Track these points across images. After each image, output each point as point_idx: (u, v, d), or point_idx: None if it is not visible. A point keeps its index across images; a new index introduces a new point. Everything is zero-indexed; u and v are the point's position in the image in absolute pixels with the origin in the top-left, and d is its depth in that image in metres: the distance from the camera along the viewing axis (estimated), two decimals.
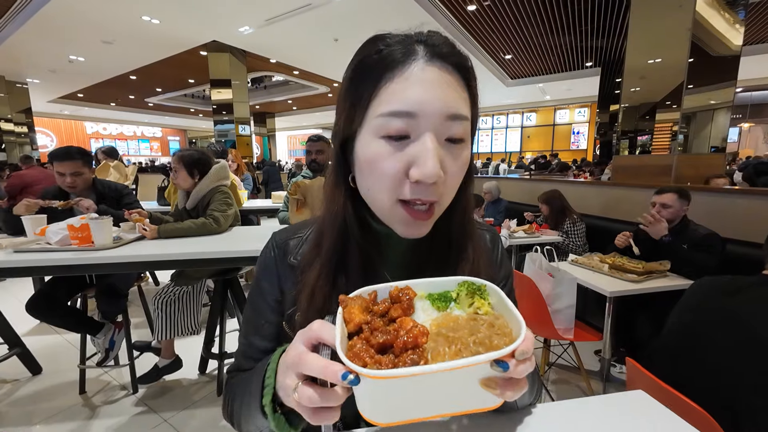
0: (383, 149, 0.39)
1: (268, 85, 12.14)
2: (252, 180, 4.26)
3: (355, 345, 0.31)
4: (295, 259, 0.51)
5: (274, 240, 0.55)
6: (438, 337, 0.31)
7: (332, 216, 0.46)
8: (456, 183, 0.42)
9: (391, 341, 0.31)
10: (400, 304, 0.35)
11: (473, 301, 0.36)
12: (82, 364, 1.85)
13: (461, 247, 0.48)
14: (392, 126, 0.38)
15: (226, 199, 1.87)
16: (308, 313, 0.45)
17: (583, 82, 9.55)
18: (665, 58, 3.56)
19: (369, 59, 0.40)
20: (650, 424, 0.49)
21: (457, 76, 0.40)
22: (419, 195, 0.39)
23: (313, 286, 0.46)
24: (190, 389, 1.93)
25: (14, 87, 8.98)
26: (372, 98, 0.39)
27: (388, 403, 0.30)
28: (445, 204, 0.43)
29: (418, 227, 0.42)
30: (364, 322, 0.33)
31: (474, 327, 0.32)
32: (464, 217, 0.48)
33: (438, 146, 0.38)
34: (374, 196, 0.42)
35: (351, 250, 0.46)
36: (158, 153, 19.09)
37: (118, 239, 1.58)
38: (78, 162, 1.78)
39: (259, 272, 0.54)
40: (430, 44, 0.39)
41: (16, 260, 1.33)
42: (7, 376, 2.02)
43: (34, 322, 2.64)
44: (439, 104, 0.37)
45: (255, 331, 0.53)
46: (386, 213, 0.43)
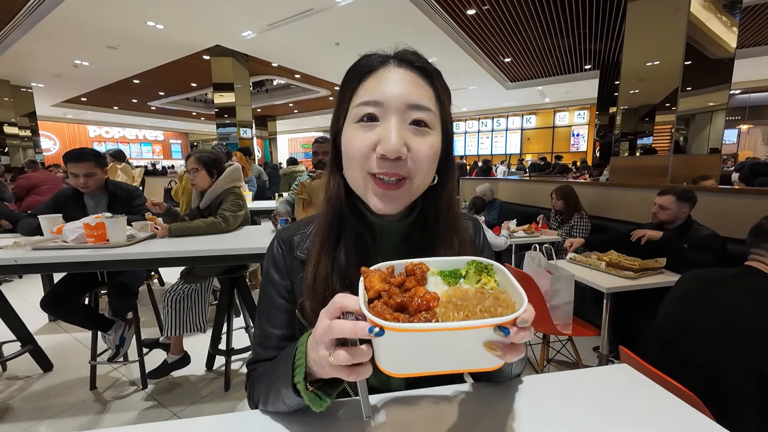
0: (357, 131, 0.48)
1: (269, 89, 12.22)
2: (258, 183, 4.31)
3: (376, 306, 0.36)
4: (302, 253, 0.57)
5: (279, 237, 0.60)
6: (448, 304, 0.36)
7: (330, 203, 0.53)
8: (427, 165, 0.48)
9: (407, 303, 0.36)
10: (414, 276, 0.40)
11: (480, 278, 0.40)
12: (93, 360, 1.90)
13: (448, 239, 0.54)
14: (364, 111, 0.47)
15: (238, 201, 1.93)
16: (313, 299, 0.51)
17: (582, 85, 9.62)
18: (662, 60, 3.62)
19: (355, 68, 0.50)
20: (633, 394, 0.54)
21: (421, 76, 0.49)
22: (386, 168, 0.46)
23: (315, 271, 0.51)
24: (198, 385, 1.98)
25: (19, 91, 9.06)
26: (353, 95, 0.49)
27: (403, 356, 0.35)
28: (417, 183, 0.49)
29: (388, 200, 0.48)
30: (383, 290, 0.38)
31: (481, 299, 0.36)
32: (449, 212, 0.55)
33: (401, 127, 0.46)
34: (350, 174, 0.50)
35: (348, 233, 0.53)
36: (160, 156, 19.16)
37: (131, 237, 1.64)
38: (91, 163, 1.84)
39: (268, 266, 0.59)
40: (400, 54, 0.50)
41: (35, 257, 1.39)
42: (20, 372, 2.07)
43: (44, 320, 2.70)
44: (402, 94, 0.46)
45: (269, 321, 0.57)
46: (360, 188, 0.49)
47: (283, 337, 0.56)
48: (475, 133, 16.11)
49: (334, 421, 0.49)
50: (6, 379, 2.02)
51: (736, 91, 9.87)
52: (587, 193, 3.29)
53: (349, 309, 0.37)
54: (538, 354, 2.04)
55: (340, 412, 0.51)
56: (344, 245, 0.53)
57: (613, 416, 0.49)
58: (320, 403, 0.42)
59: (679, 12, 3.38)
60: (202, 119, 15.87)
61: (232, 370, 1.99)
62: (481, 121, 15.82)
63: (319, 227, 0.55)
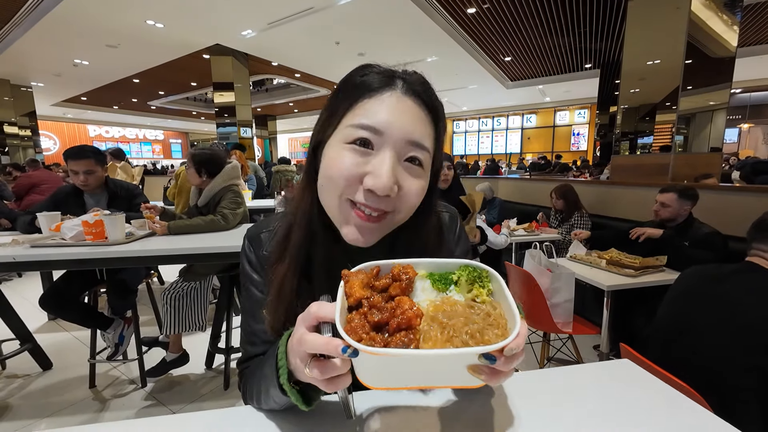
0: (347, 154, 0.43)
1: (269, 88, 12.22)
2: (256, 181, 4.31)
3: (353, 319, 0.33)
4: (266, 252, 0.55)
5: (247, 235, 0.59)
6: (433, 321, 0.33)
7: (302, 213, 0.50)
8: (413, 202, 0.45)
9: (386, 320, 0.33)
10: (399, 283, 0.36)
11: (473, 288, 0.37)
12: (92, 358, 1.89)
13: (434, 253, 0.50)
14: (359, 135, 0.42)
15: (237, 198, 1.92)
16: (277, 303, 0.49)
17: (582, 84, 9.61)
18: (663, 59, 3.61)
19: (353, 80, 0.45)
20: (634, 389, 0.53)
21: (427, 113, 0.45)
22: (371, 203, 0.42)
23: (282, 279, 0.49)
24: (198, 383, 1.98)
25: (19, 91, 9.06)
26: (347, 111, 0.44)
27: (381, 373, 0.33)
28: (399, 218, 0.46)
29: (367, 233, 0.44)
30: (364, 297, 0.35)
31: (470, 316, 0.33)
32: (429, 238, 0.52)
33: (396, 164, 0.42)
34: (325, 195, 0.46)
35: (317, 248, 0.50)
36: (160, 156, 19.17)
37: (130, 235, 1.64)
38: (91, 160, 1.83)
39: (243, 265, 0.58)
40: (408, 81, 0.44)
41: (34, 254, 1.38)
42: (19, 371, 2.07)
43: (43, 319, 2.69)
44: (405, 129, 0.42)
45: (253, 317, 0.56)
46: (335, 212, 0.46)
47: (267, 335, 0.55)
48: (475, 133, 16.11)
49: (327, 415, 0.49)
50: (5, 378, 2.02)
51: (737, 90, 9.86)
52: (587, 191, 3.29)
53: (326, 319, 0.35)
54: (539, 352, 2.03)
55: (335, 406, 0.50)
56: (315, 263, 0.50)
57: (615, 411, 0.48)
58: (307, 403, 0.41)
59: (680, 11, 3.37)
60: (202, 118, 15.88)
61: (232, 369, 1.99)
62: (481, 121, 15.81)
63: (292, 243, 0.50)
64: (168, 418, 0.50)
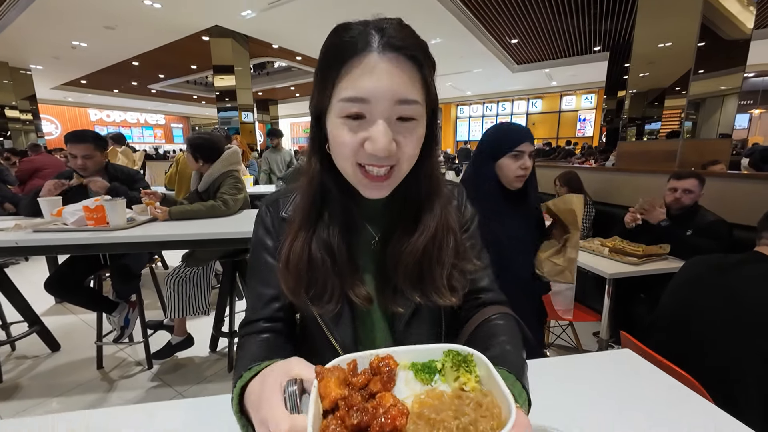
0: (344, 128, 0.46)
1: (270, 72, 12.02)
2: (257, 167, 4.29)
3: (329, 426, 0.30)
4: (286, 213, 0.59)
5: (265, 201, 0.63)
6: (419, 420, 0.30)
7: (310, 178, 0.54)
8: (412, 152, 0.49)
9: (368, 422, 0.30)
10: (380, 376, 0.34)
11: (459, 375, 0.34)
12: (98, 341, 1.93)
13: (430, 204, 0.55)
14: (350, 109, 0.45)
15: (237, 184, 1.91)
16: (287, 272, 0.53)
17: (590, 68, 9.37)
18: (675, 42, 3.49)
19: (333, 48, 0.46)
20: (635, 378, 0.53)
21: (409, 64, 0.45)
22: (374, 161, 0.47)
23: (290, 247, 0.53)
24: (202, 365, 2.02)
25: (18, 74, 8.96)
26: (336, 84, 0.46)
27: None
28: (404, 168, 0.50)
29: (377, 188, 0.50)
30: (341, 398, 0.32)
31: (459, 407, 0.31)
32: (431, 181, 0.55)
33: (388, 128, 0.45)
34: (339, 162, 0.50)
35: (331, 203, 0.54)
36: (162, 140, 19.09)
37: (131, 220, 1.64)
38: (90, 145, 1.82)
39: (257, 229, 0.62)
40: (385, 34, 0.45)
41: (36, 239, 1.39)
42: (28, 352, 2.11)
43: (50, 303, 2.74)
44: (390, 90, 0.44)
45: (260, 281, 0.59)
46: (350, 176, 0.51)
47: (275, 297, 0.58)
48: (479, 118, 15.87)
49: None
50: (15, 359, 2.07)
51: (750, 74, 9.58)
52: (592, 178, 3.24)
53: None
54: None
55: None
56: (326, 217, 0.54)
57: (615, 400, 0.48)
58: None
59: None
60: (203, 103, 15.72)
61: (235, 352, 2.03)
62: (485, 106, 15.55)
63: (301, 203, 0.55)
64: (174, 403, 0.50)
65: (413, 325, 0.58)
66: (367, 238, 0.59)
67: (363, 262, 0.57)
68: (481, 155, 1.19)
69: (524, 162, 1.11)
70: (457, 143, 15.69)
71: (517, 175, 1.12)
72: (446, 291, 0.54)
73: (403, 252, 0.54)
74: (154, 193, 1.78)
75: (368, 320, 0.59)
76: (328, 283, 0.53)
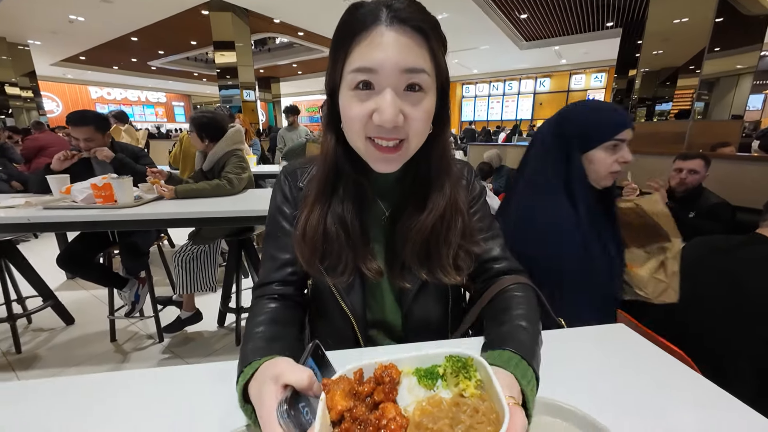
0: (353, 99, 0.48)
1: (272, 48, 11.72)
2: (260, 146, 4.27)
3: None
4: (301, 185, 0.61)
5: (284, 171, 0.66)
6: (417, 429, 0.32)
7: (325, 154, 0.56)
8: (420, 125, 0.49)
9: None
10: (384, 386, 0.36)
11: (459, 381, 0.36)
12: (111, 315, 2.00)
13: (440, 183, 0.56)
14: (359, 78, 0.47)
15: (241, 163, 1.92)
16: (303, 244, 0.56)
17: (602, 45, 9.05)
18: (691, 17, 3.36)
19: (345, 25, 0.48)
20: (628, 353, 0.55)
21: (416, 36, 0.46)
22: (383, 134, 0.48)
23: (306, 220, 0.56)
24: (211, 339, 2.09)
25: (16, 49, 8.81)
26: (347, 58, 0.48)
27: None
28: (414, 143, 0.51)
29: (387, 162, 0.51)
30: (347, 410, 0.34)
31: (456, 415, 0.33)
32: (442, 159, 0.56)
33: (395, 97, 0.46)
34: (350, 137, 0.52)
35: (344, 178, 0.56)
36: (164, 119, 18.92)
37: (138, 198, 1.66)
38: (91, 127, 1.81)
39: (275, 197, 0.64)
40: (393, 8, 0.46)
41: (47, 216, 1.42)
42: (44, 325, 2.20)
43: (61, 279, 2.82)
44: (396, 60, 0.45)
45: (276, 246, 0.62)
46: (361, 150, 0.52)
47: (288, 262, 0.61)
48: (485, 98, 15.53)
49: None
50: (32, 331, 2.16)
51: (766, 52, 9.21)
52: None
53: None
54: None
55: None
56: (340, 191, 0.56)
57: (607, 374, 0.50)
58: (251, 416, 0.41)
59: None
60: (204, 80, 15.45)
61: (243, 327, 2.09)
62: (492, 85, 15.18)
63: (317, 177, 0.57)
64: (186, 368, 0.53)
65: (420, 299, 0.61)
66: (378, 213, 0.61)
67: (374, 236, 0.59)
68: (561, 145, 0.88)
69: (623, 154, 0.85)
70: (462, 123, 15.42)
71: (612, 171, 0.86)
72: (451, 270, 0.56)
73: (411, 229, 0.55)
74: (160, 171, 1.79)
75: (378, 291, 0.62)
76: (342, 255, 0.55)
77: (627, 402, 0.45)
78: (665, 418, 0.42)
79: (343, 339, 0.62)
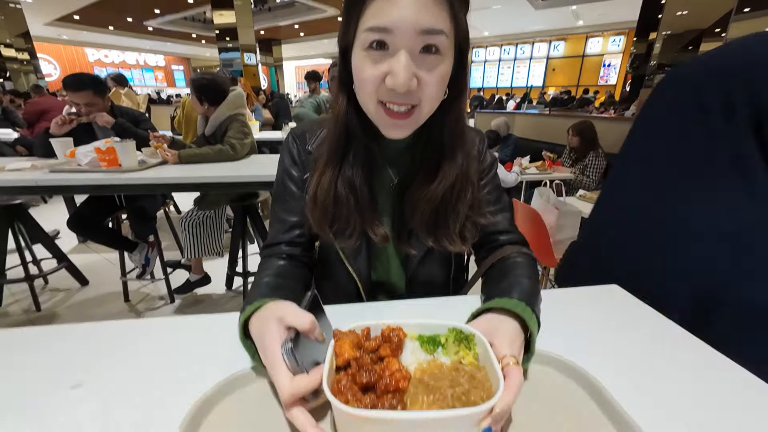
0: (366, 60, 0.46)
1: (272, 7, 11.15)
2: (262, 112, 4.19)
3: (341, 380, 0.34)
4: (312, 148, 0.61)
5: (292, 134, 0.64)
6: (419, 384, 0.34)
7: (337, 116, 0.55)
8: (434, 91, 0.47)
9: (375, 381, 0.34)
10: (389, 343, 0.38)
11: (459, 350, 0.38)
12: (123, 277, 2.07)
13: (452, 152, 0.55)
14: (372, 38, 0.44)
15: (243, 128, 1.90)
16: (314, 208, 0.56)
17: (622, 5, 8.50)
18: None
19: None
20: (621, 312, 0.57)
21: None
22: (395, 98, 0.47)
23: (318, 182, 0.56)
24: (220, 301, 2.18)
25: (8, 8, 8.48)
26: (360, 15, 0.45)
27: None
28: (426, 109, 0.49)
29: (398, 128, 0.50)
30: (353, 358, 0.36)
31: (455, 378, 0.35)
32: (456, 126, 0.55)
33: (410, 61, 0.44)
34: (362, 99, 0.50)
35: (355, 142, 0.55)
36: (163, 84, 18.49)
37: (143, 162, 1.67)
38: (89, 92, 1.77)
39: (283, 160, 0.64)
40: None
41: (53, 179, 1.44)
42: (60, 286, 2.29)
43: (72, 243, 2.89)
44: (413, 20, 0.42)
45: (284, 209, 0.62)
46: (372, 114, 0.51)
47: (296, 224, 0.62)
48: (495, 62, 14.88)
49: None
50: (49, 291, 2.25)
51: None
52: (609, 129, 3.12)
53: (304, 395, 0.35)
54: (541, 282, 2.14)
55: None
56: (350, 156, 0.55)
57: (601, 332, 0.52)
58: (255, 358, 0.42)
59: None
60: (203, 42, 14.90)
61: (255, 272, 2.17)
62: (503, 48, 14.49)
63: (328, 141, 0.56)
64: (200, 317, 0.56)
65: (425, 265, 0.63)
66: (386, 180, 0.60)
67: (381, 202, 0.60)
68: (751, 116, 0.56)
69: None
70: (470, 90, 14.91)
71: None
72: (457, 239, 0.57)
73: (421, 199, 0.55)
74: (163, 136, 1.78)
75: (383, 256, 0.64)
76: (350, 219, 0.56)
77: (623, 361, 0.46)
78: (661, 377, 0.43)
79: (348, 300, 0.64)
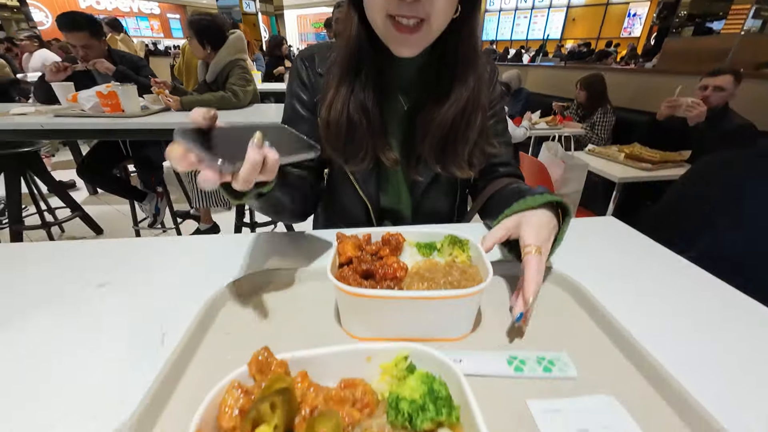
0: None
1: None
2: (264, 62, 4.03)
3: (344, 271, 0.38)
4: (320, 70, 0.60)
5: (300, 55, 0.63)
6: (415, 275, 0.38)
7: (348, 36, 0.54)
8: (444, 4, 0.46)
9: (374, 270, 0.38)
10: (389, 245, 0.42)
11: (453, 251, 0.42)
12: (135, 225, 2.14)
13: (464, 75, 0.54)
14: None
15: (245, 75, 1.85)
16: (330, 114, 0.56)
17: None
18: None
19: None
20: (617, 242, 0.59)
21: None
22: (404, 11, 0.45)
23: (330, 107, 0.56)
24: None
25: None
26: None
27: (367, 321, 0.36)
28: (436, 24, 0.48)
29: (407, 44, 0.49)
30: (355, 257, 0.40)
31: (447, 272, 0.39)
32: (468, 44, 0.53)
33: None
34: (370, 15, 0.49)
35: (367, 63, 0.55)
36: (160, 34, 17.61)
37: (145, 108, 1.65)
38: (86, 33, 1.71)
39: (292, 83, 0.64)
40: None
41: (59, 123, 1.44)
42: (76, 233, 2.38)
43: (84, 195, 2.95)
44: None
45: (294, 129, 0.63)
46: (380, 29, 0.50)
47: None
48: (511, 12, 13.84)
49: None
50: (66, 238, 2.34)
51: None
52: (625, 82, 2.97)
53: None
54: None
55: None
56: (362, 78, 0.55)
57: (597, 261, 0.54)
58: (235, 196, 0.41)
59: None
60: None
61: None
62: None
63: (339, 63, 0.56)
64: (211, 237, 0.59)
65: (431, 191, 0.65)
66: (397, 106, 0.60)
67: (392, 129, 0.60)
68: None
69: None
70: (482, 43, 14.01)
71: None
72: (465, 165, 0.58)
73: (432, 122, 0.55)
74: (164, 82, 1.74)
75: (393, 181, 0.66)
76: (363, 142, 0.57)
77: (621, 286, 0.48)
78: (657, 301, 0.45)
79: (357, 225, 0.67)
